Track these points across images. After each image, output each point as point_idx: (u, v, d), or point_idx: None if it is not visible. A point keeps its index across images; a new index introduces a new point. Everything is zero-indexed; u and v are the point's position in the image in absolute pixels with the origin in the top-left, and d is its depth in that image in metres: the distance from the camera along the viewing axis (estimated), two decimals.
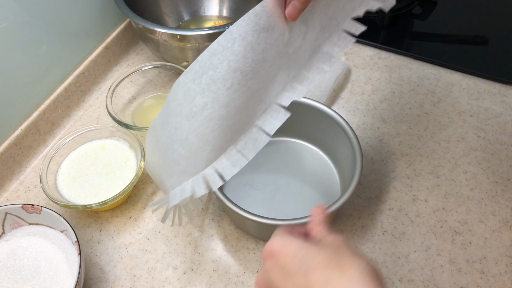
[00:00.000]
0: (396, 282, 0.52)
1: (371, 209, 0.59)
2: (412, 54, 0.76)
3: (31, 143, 0.65)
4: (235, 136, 0.43)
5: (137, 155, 0.59)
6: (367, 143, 0.65)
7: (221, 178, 0.42)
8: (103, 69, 0.75)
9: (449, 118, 0.68)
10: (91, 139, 0.62)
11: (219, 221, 0.58)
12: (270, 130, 0.44)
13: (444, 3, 0.84)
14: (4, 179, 0.62)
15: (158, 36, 0.64)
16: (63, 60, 0.68)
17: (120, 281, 0.54)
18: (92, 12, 0.70)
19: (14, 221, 0.53)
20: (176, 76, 0.70)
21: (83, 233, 0.58)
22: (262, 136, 0.44)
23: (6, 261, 0.52)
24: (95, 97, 0.74)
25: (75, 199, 0.57)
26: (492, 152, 0.64)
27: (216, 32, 0.62)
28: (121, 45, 0.78)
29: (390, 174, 0.62)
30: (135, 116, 0.68)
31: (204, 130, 0.40)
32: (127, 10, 0.65)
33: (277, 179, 0.61)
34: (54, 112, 0.67)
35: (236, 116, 0.40)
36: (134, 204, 0.61)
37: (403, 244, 0.56)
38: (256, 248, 0.56)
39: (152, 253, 0.56)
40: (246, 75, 0.38)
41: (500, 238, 0.56)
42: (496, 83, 0.72)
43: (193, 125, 0.40)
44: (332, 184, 0.60)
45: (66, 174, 0.60)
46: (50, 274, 0.50)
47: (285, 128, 0.63)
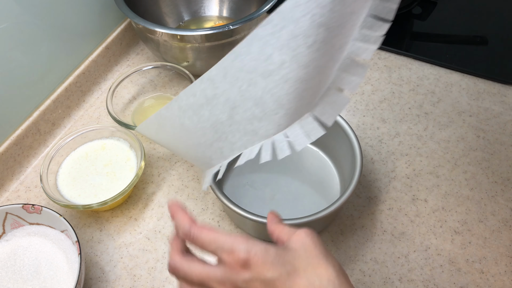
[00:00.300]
0: (396, 282, 0.53)
1: (371, 209, 0.59)
2: (412, 54, 0.76)
3: (31, 143, 0.65)
4: (312, 100, 0.38)
5: (137, 155, 0.60)
6: (367, 143, 0.65)
7: (291, 147, 0.38)
8: (103, 69, 0.75)
9: (448, 118, 0.68)
10: (92, 139, 0.63)
11: (219, 221, 0.58)
12: (351, 88, 0.39)
13: (444, 3, 0.84)
14: (4, 179, 0.62)
15: (158, 36, 0.65)
16: (63, 60, 0.68)
17: (120, 281, 0.54)
18: (92, 12, 0.70)
19: (15, 221, 0.54)
20: (176, 76, 0.70)
21: (83, 233, 0.58)
22: (341, 98, 0.39)
23: (7, 261, 0.52)
24: (96, 97, 0.74)
25: (76, 199, 0.57)
26: (492, 152, 0.64)
27: (216, 32, 0.62)
28: (121, 45, 0.78)
29: (390, 174, 0.62)
30: (135, 116, 0.68)
31: (279, 92, 0.36)
32: (127, 10, 0.65)
33: (277, 179, 0.61)
34: (55, 112, 0.68)
35: (315, 79, 0.36)
36: (134, 204, 0.61)
37: (403, 244, 0.56)
38: None
39: (152, 253, 0.56)
40: (332, 31, 0.33)
41: (499, 238, 0.56)
42: (495, 83, 0.72)
43: (269, 84, 0.36)
44: (332, 184, 0.60)
45: (67, 174, 0.60)
46: (51, 274, 0.50)
47: None
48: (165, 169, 0.64)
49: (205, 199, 0.61)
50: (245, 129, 0.39)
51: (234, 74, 0.37)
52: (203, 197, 0.61)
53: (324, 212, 0.48)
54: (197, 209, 0.60)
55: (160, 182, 0.63)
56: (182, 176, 0.63)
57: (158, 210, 0.60)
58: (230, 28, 0.62)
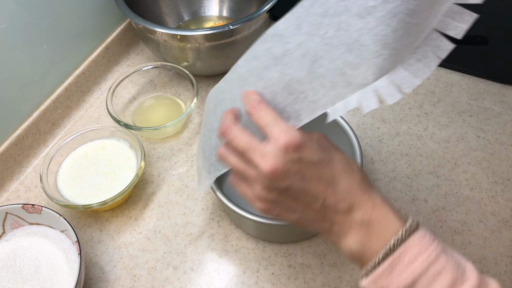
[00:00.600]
0: None
1: None
2: None
3: (31, 143, 0.65)
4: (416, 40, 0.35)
5: (137, 155, 0.60)
6: (367, 143, 0.65)
7: (399, 91, 0.35)
8: (103, 69, 0.75)
9: (449, 118, 0.68)
10: (92, 139, 0.63)
11: (219, 221, 0.58)
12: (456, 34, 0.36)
13: None
14: (4, 179, 0.62)
15: (158, 36, 0.65)
16: (63, 60, 0.68)
17: (120, 281, 0.54)
18: (92, 12, 0.70)
19: (15, 221, 0.54)
20: (176, 76, 0.70)
21: (83, 233, 0.58)
22: (445, 43, 0.36)
23: (7, 261, 0.52)
24: (96, 97, 0.74)
25: (76, 199, 0.57)
26: (492, 152, 0.64)
27: (216, 32, 0.62)
28: (121, 45, 0.78)
29: (390, 174, 0.62)
30: (135, 116, 0.68)
31: (385, 30, 0.32)
32: (127, 10, 0.65)
33: None
34: (55, 112, 0.68)
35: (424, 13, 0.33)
36: (134, 204, 0.61)
37: None
38: (256, 248, 0.56)
39: (152, 253, 0.56)
40: None
41: (499, 238, 0.56)
42: (496, 83, 0.72)
43: (369, 23, 0.32)
44: None
45: (67, 174, 0.60)
46: (51, 274, 0.50)
47: None
48: (165, 169, 0.64)
49: (205, 199, 0.61)
50: (332, 82, 0.36)
51: (313, 22, 0.33)
52: (203, 197, 0.61)
53: None
54: (197, 209, 0.60)
55: (160, 182, 0.63)
56: (182, 176, 0.63)
57: (158, 210, 0.60)
58: (230, 28, 0.62)
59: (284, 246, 0.56)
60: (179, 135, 0.68)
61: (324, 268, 0.54)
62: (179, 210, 0.60)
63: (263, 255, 0.55)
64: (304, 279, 0.53)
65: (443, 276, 0.33)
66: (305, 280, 0.53)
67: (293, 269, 0.54)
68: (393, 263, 0.34)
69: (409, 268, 0.34)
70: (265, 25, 0.69)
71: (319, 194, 0.37)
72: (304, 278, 0.53)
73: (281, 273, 0.54)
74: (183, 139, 0.68)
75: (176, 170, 0.64)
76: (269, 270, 0.54)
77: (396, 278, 0.34)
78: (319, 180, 0.36)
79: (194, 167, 0.64)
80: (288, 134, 0.35)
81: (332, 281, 0.53)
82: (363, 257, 0.36)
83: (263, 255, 0.55)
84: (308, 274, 0.54)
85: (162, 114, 0.70)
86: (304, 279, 0.53)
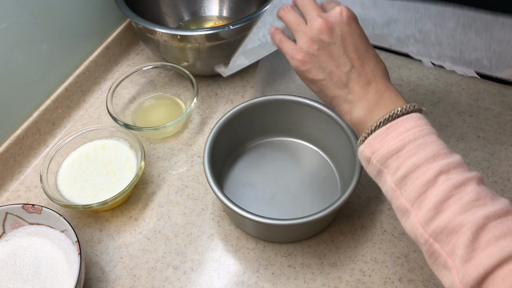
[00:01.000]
0: (396, 281, 0.53)
1: (371, 209, 0.59)
2: None
3: (31, 143, 0.65)
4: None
5: (137, 155, 0.60)
6: None
7: None
8: (103, 69, 0.75)
9: (448, 118, 0.68)
10: (92, 139, 0.63)
11: (219, 221, 0.58)
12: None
13: None
14: (4, 179, 0.62)
15: (158, 36, 0.65)
16: (63, 60, 0.68)
17: (120, 281, 0.54)
18: (92, 12, 0.70)
19: (15, 221, 0.54)
20: (176, 76, 0.70)
21: (83, 233, 0.58)
22: None
23: (7, 261, 0.52)
24: (96, 97, 0.74)
25: (76, 199, 0.57)
26: (492, 152, 0.64)
27: (216, 32, 0.62)
28: (122, 45, 0.78)
29: None
30: (135, 116, 0.68)
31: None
32: (127, 10, 0.65)
33: (277, 179, 0.61)
34: (55, 112, 0.68)
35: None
36: (134, 204, 0.61)
37: (403, 243, 0.56)
38: (256, 248, 0.56)
39: (152, 253, 0.56)
40: None
41: None
42: (495, 83, 0.72)
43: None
44: (332, 184, 0.60)
45: (67, 174, 0.60)
46: (51, 274, 0.50)
47: (285, 128, 0.64)
48: (165, 169, 0.64)
49: (205, 199, 0.61)
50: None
51: None
52: (203, 197, 0.61)
53: (324, 212, 0.48)
54: (197, 209, 0.60)
55: (160, 182, 0.63)
56: (182, 176, 0.63)
57: (158, 210, 0.60)
58: (230, 28, 0.62)
59: (284, 246, 0.56)
60: (179, 135, 0.68)
61: (324, 268, 0.54)
62: (179, 210, 0.60)
63: (263, 255, 0.55)
64: (304, 279, 0.53)
65: (429, 148, 0.38)
66: (305, 280, 0.53)
67: (293, 269, 0.54)
68: (389, 129, 0.40)
69: (401, 135, 0.39)
70: None
71: (350, 61, 0.43)
72: (304, 278, 0.53)
73: (281, 273, 0.54)
74: (183, 139, 0.68)
75: (176, 170, 0.64)
76: (269, 270, 0.54)
77: (387, 143, 0.39)
78: (355, 49, 0.43)
79: (195, 166, 0.64)
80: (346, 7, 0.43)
81: (332, 281, 0.53)
82: (366, 123, 0.42)
83: (263, 255, 0.55)
84: (308, 274, 0.54)
85: (162, 114, 0.70)
86: (304, 279, 0.53)
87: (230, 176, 0.61)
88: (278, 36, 0.47)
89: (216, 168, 0.54)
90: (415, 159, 0.38)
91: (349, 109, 0.44)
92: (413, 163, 0.38)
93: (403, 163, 0.38)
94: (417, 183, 0.37)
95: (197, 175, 0.63)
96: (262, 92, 0.70)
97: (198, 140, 0.67)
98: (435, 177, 0.37)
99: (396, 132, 0.39)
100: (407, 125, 0.39)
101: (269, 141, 0.65)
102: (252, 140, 0.64)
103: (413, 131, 0.39)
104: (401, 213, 0.39)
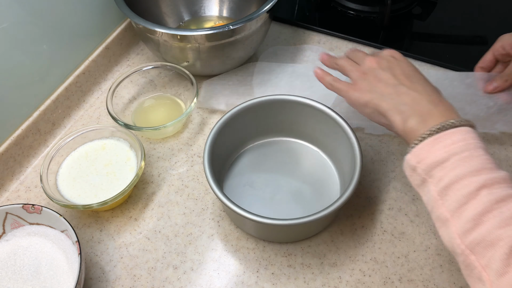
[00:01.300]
0: (396, 282, 0.53)
1: (371, 209, 0.59)
2: (412, 54, 0.76)
3: (31, 143, 0.65)
4: None
5: (138, 155, 0.60)
6: (367, 143, 0.65)
7: None
8: (103, 69, 0.75)
9: None
10: (92, 139, 0.63)
11: (219, 221, 0.58)
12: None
13: (443, 3, 0.84)
14: (4, 179, 0.62)
15: (158, 36, 0.65)
16: (63, 60, 0.68)
17: (120, 281, 0.54)
18: (92, 12, 0.70)
19: (15, 221, 0.54)
20: (176, 76, 0.70)
21: (83, 233, 0.58)
22: None
23: (7, 261, 0.52)
24: (96, 97, 0.74)
25: (76, 199, 0.57)
26: (492, 152, 0.64)
27: (216, 32, 0.62)
28: (122, 45, 0.78)
29: (390, 174, 0.62)
30: (135, 116, 0.69)
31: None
32: (127, 10, 0.65)
33: (277, 179, 0.61)
34: (55, 112, 0.68)
35: None
36: (134, 204, 0.61)
37: (403, 244, 0.56)
38: (256, 248, 0.56)
39: (152, 253, 0.56)
40: None
41: None
42: None
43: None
44: (332, 184, 0.60)
45: (67, 174, 0.60)
46: (51, 274, 0.50)
47: (285, 128, 0.64)
48: (165, 169, 0.64)
49: (205, 199, 0.61)
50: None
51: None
52: (203, 197, 0.61)
53: (324, 212, 0.48)
54: (197, 209, 0.60)
55: (160, 182, 0.63)
56: (182, 176, 0.63)
57: (158, 210, 0.60)
58: (230, 28, 0.62)
59: (284, 246, 0.56)
60: (179, 135, 0.68)
61: (324, 268, 0.54)
62: (179, 210, 0.60)
63: (263, 255, 0.55)
64: (304, 279, 0.53)
65: (475, 161, 0.38)
66: (305, 280, 0.53)
67: (293, 269, 0.54)
68: (436, 139, 0.40)
69: (448, 147, 0.39)
70: (265, 25, 0.69)
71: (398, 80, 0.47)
72: (304, 278, 0.53)
73: (281, 273, 0.54)
74: (183, 139, 0.68)
75: (176, 170, 0.64)
76: (269, 270, 0.54)
77: (434, 153, 0.40)
78: (402, 73, 0.47)
79: (195, 166, 0.64)
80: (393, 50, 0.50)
81: (332, 281, 0.53)
82: (418, 132, 0.42)
83: (263, 255, 0.55)
84: (308, 274, 0.54)
85: (162, 114, 0.70)
86: (304, 279, 0.53)
87: (230, 176, 0.61)
88: (328, 78, 0.52)
89: (216, 168, 0.54)
90: (459, 171, 0.38)
91: (401, 119, 0.44)
92: (457, 175, 0.38)
93: (447, 174, 0.39)
94: (458, 194, 0.38)
95: (197, 175, 0.63)
96: (262, 92, 0.70)
97: (198, 140, 0.67)
98: (477, 190, 0.37)
99: (443, 143, 0.40)
100: (454, 137, 0.40)
101: (269, 141, 0.65)
102: (252, 140, 0.64)
103: (460, 144, 0.39)
104: (440, 223, 0.39)
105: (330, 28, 0.81)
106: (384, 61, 0.48)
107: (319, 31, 0.81)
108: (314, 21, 0.83)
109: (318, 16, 0.85)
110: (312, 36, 0.81)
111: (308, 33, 0.81)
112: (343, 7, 0.84)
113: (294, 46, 0.79)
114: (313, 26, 0.82)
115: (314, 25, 0.82)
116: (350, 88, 0.49)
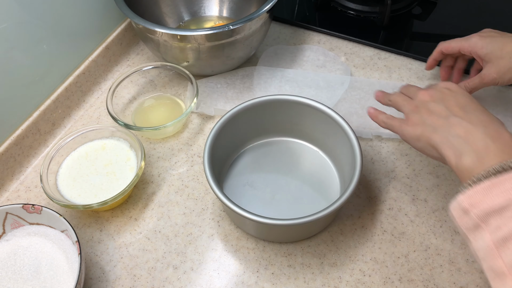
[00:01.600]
0: (396, 282, 0.53)
1: (371, 209, 0.59)
2: (412, 54, 0.76)
3: (31, 143, 0.65)
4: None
5: (138, 155, 0.60)
6: (367, 143, 0.65)
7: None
8: (103, 69, 0.75)
9: None
10: (92, 139, 0.63)
11: (219, 221, 0.58)
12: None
13: (443, 3, 0.84)
14: (4, 179, 0.63)
15: (158, 36, 0.65)
16: (63, 60, 0.68)
17: (120, 281, 0.54)
18: (92, 12, 0.70)
19: (15, 221, 0.54)
20: (176, 76, 0.70)
21: (83, 233, 0.58)
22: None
23: (7, 261, 0.52)
24: (96, 97, 0.74)
25: (76, 199, 0.57)
26: None
27: (216, 32, 0.62)
28: (122, 45, 0.78)
29: (390, 174, 0.62)
30: (135, 116, 0.69)
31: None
32: (127, 11, 0.65)
33: (277, 179, 0.61)
34: (55, 112, 0.68)
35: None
36: (134, 204, 0.61)
37: (403, 243, 0.56)
38: (256, 248, 0.56)
39: (152, 252, 0.56)
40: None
41: None
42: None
43: None
44: (332, 184, 0.60)
45: (67, 174, 0.60)
46: (51, 274, 0.50)
47: (285, 128, 0.64)
48: (165, 169, 0.64)
49: (205, 199, 0.61)
50: None
51: None
52: (203, 197, 0.61)
53: (324, 212, 0.48)
54: (197, 209, 0.60)
55: (160, 182, 0.63)
56: (182, 176, 0.63)
57: (158, 210, 0.60)
58: (230, 28, 0.62)
59: (284, 246, 0.56)
60: (179, 135, 0.68)
61: (324, 268, 0.54)
62: (179, 210, 0.60)
63: (263, 255, 0.55)
64: (304, 279, 0.53)
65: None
66: (305, 280, 0.53)
67: (293, 269, 0.54)
68: (495, 183, 0.36)
69: (507, 192, 0.35)
70: (265, 25, 0.69)
71: (451, 111, 0.44)
72: (304, 278, 0.53)
73: (281, 273, 0.54)
74: (183, 139, 0.68)
75: (176, 170, 0.64)
76: (269, 270, 0.54)
77: (491, 198, 0.36)
78: (456, 104, 0.45)
79: (195, 166, 0.64)
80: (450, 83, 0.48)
81: (332, 281, 0.53)
82: (474, 171, 0.39)
83: (263, 255, 0.55)
84: (308, 274, 0.54)
85: (162, 114, 0.70)
86: (304, 279, 0.53)
87: (230, 176, 0.61)
88: (382, 116, 0.52)
89: (216, 168, 0.54)
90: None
91: (453, 154, 0.42)
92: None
93: (506, 223, 0.35)
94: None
95: (197, 175, 0.63)
96: (261, 92, 0.70)
97: (198, 140, 0.67)
98: None
99: (502, 187, 0.36)
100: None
101: (269, 141, 0.65)
102: (252, 140, 0.64)
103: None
104: (495, 275, 0.36)
105: (330, 28, 0.81)
106: (437, 93, 0.47)
107: (319, 31, 0.81)
108: (314, 21, 0.83)
109: (318, 16, 0.85)
110: (312, 36, 0.81)
111: (308, 33, 0.81)
112: (343, 7, 0.84)
113: (294, 46, 0.79)
114: (313, 26, 0.82)
115: (314, 25, 0.82)
116: (403, 123, 0.48)
